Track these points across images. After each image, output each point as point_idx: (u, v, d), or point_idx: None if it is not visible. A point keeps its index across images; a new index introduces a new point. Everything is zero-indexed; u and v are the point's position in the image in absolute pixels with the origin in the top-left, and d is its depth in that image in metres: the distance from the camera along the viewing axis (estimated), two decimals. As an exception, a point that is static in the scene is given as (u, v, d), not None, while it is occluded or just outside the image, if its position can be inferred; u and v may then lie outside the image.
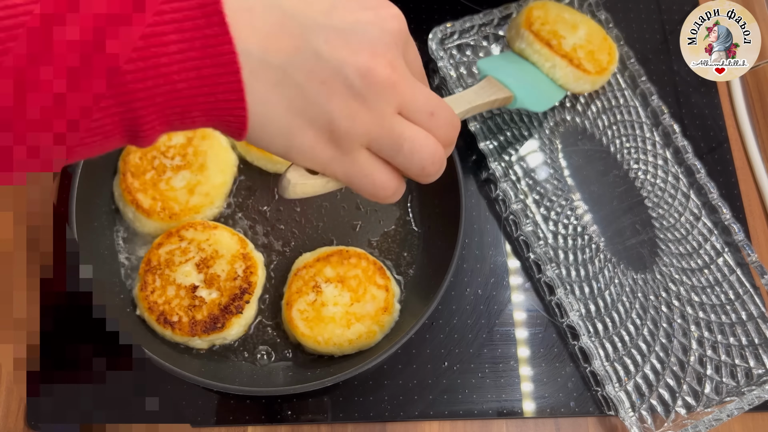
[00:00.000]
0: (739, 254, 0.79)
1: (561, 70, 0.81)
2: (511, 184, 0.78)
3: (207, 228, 0.70)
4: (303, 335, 0.67)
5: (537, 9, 0.85)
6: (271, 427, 0.69)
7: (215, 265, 0.68)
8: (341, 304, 0.68)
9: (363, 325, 0.67)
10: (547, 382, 0.73)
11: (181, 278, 0.68)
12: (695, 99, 0.91)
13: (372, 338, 0.68)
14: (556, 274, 0.74)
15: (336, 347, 0.67)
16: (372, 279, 0.69)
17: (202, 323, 0.66)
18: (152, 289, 0.67)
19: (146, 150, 0.73)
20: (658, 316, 0.76)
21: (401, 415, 0.70)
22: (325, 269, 0.69)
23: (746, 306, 0.78)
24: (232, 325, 0.67)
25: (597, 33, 0.85)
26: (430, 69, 0.88)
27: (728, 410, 0.69)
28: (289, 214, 0.76)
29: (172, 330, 0.66)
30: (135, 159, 0.73)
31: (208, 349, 0.69)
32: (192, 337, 0.66)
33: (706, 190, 0.81)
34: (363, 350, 0.68)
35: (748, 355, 0.75)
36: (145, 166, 0.72)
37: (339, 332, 0.67)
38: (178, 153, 0.73)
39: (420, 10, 0.92)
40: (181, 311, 0.66)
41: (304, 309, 0.67)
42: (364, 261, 0.70)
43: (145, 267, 0.69)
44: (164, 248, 0.69)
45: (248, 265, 0.69)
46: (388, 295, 0.69)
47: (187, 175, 0.73)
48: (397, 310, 0.70)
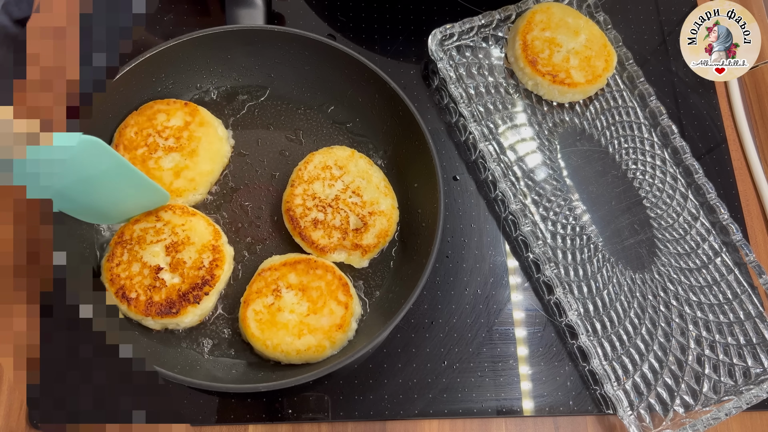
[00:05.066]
0: (737, 254, 0.79)
1: (544, 88, 0.85)
2: (510, 184, 0.78)
3: (185, 213, 0.71)
4: (253, 336, 0.67)
5: (540, 13, 0.86)
6: (272, 426, 0.70)
7: (184, 251, 0.69)
8: (297, 312, 0.67)
9: (314, 338, 0.66)
10: (546, 381, 0.73)
11: (148, 257, 0.68)
12: (693, 100, 0.92)
13: (320, 353, 0.67)
14: (554, 273, 0.75)
15: (283, 354, 0.66)
16: (334, 294, 0.68)
17: (158, 305, 0.66)
18: (118, 262, 0.68)
19: (143, 126, 0.74)
20: (657, 316, 0.76)
21: (401, 413, 0.71)
22: (290, 275, 0.69)
23: (744, 305, 0.78)
24: (187, 314, 0.67)
25: (597, 39, 0.86)
26: (429, 70, 0.88)
27: (726, 409, 0.69)
28: (270, 213, 0.77)
29: (128, 306, 0.66)
30: (130, 133, 0.73)
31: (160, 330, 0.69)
32: (145, 317, 0.66)
33: (705, 191, 0.82)
34: (310, 362, 0.67)
35: (746, 354, 0.75)
36: (138, 142, 0.73)
37: (289, 340, 0.66)
38: (173, 135, 0.74)
39: (420, 11, 0.92)
40: (140, 289, 0.67)
41: (260, 310, 0.67)
42: (330, 275, 0.69)
43: (117, 239, 0.69)
44: (139, 224, 0.70)
45: (216, 258, 0.69)
46: (346, 313, 0.68)
47: (177, 157, 0.73)
48: (353, 329, 0.70)
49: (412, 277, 0.69)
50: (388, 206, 0.74)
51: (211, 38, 0.74)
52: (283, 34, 0.75)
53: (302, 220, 0.72)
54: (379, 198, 0.74)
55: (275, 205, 0.76)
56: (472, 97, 0.85)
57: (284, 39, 0.76)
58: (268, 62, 0.79)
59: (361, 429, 0.70)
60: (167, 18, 0.88)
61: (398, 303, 0.66)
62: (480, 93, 0.85)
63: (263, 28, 0.76)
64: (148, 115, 0.75)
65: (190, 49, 0.75)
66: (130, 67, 0.71)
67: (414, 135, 0.73)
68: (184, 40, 0.73)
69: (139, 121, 0.74)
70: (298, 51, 0.77)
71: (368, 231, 0.72)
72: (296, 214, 0.72)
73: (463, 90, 0.83)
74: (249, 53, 0.78)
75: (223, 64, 0.79)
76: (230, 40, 0.76)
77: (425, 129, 0.72)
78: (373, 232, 0.72)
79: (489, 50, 0.89)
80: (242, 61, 0.79)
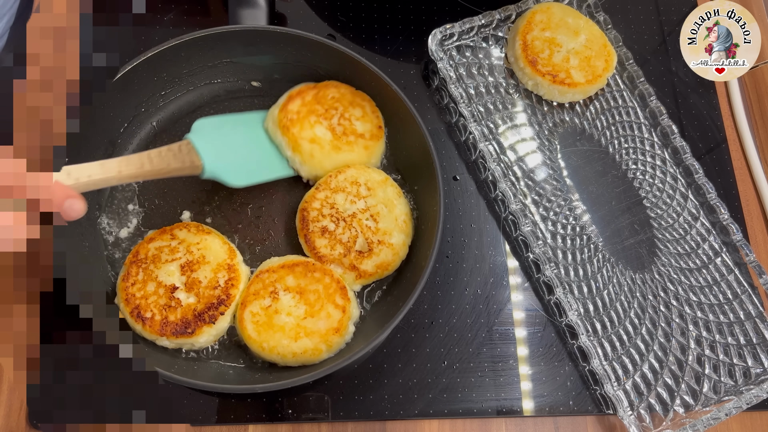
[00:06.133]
0: (737, 254, 0.79)
1: (544, 88, 0.85)
2: (510, 184, 0.78)
3: (200, 231, 0.71)
4: (249, 338, 0.66)
5: (540, 13, 0.86)
6: (272, 426, 0.70)
7: (199, 270, 0.68)
8: (294, 315, 0.67)
9: (310, 341, 0.66)
10: (546, 381, 0.73)
11: (163, 276, 0.68)
12: (693, 100, 0.92)
13: (316, 356, 0.66)
14: (555, 273, 0.75)
15: (279, 357, 0.66)
16: (331, 297, 0.68)
17: (173, 325, 0.66)
18: (133, 281, 0.67)
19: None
20: (657, 316, 0.76)
21: (401, 413, 0.71)
22: (288, 277, 0.69)
23: (744, 305, 0.78)
24: (202, 333, 0.66)
25: (598, 39, 0.86)
26: (429, 70, 0.88)
27: (726, 409, 0.69)
28: (270, 215, 0.77)
29: (143, 326, 0.66)
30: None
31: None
32: (160, 337, 0.66)
33: (705, 191, 0.82)
34: (306, 365, 0.67)
35: (746, 354, 0.75)
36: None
37: (285, 343, 0.66)
38: None
39: (420, 11, 0.92)
40: (155, 309, 0.66)
41: (257, 312, 0.67)
42: (328, 278, 0.69)
43: (132, 258, 0.69)
44: (155, 243, 0.70)
45: (231, 277, 0.69)
46: (344, 316, 0.67)
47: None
48: (351, 332, 0.69)
49: (410, 279, 0.69)
50: (399, 242, 0.72)
51: (213, 38, 0.74)
52: (285, 34, 0.75)
53: (312, 224, 0.72)
54: (393, 230, 0.72)
55: (276, 206, 0.77)
56: (472, 97, 0.85)
57: (286, 40, 0.76)
58: (269, 62, 0.79)
59: (361, 429, 0.70)
60: (167, 18, 0.88)
61: (396, 305, 0.66)
62: (480, 93, 0.85)
63: (266, 29, 0.76)
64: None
65: (191, 48, 0.75)
66: (131, 66, 0.71)
67: (414, 136, 0.73)
68: (185, 39, 0.73)
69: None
70: (300, 51, 0.77)
71: (371, 258, 0.71)
72: (309, 216, 0.72)
73: (463, 90, 0.83)
74: (251, 53, 0.78)
75: (225, 64, 0.80)
76: (233, 40, 0.76)
77: (425, 130, 0.71)
78: (375, 261, 0.71)
79: (489, 50, 0.89)
80: (244, 61, 0.79)
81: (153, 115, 0.79)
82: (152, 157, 0.63)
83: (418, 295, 0.65)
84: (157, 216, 0.75)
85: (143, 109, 0.78)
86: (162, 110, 0.80)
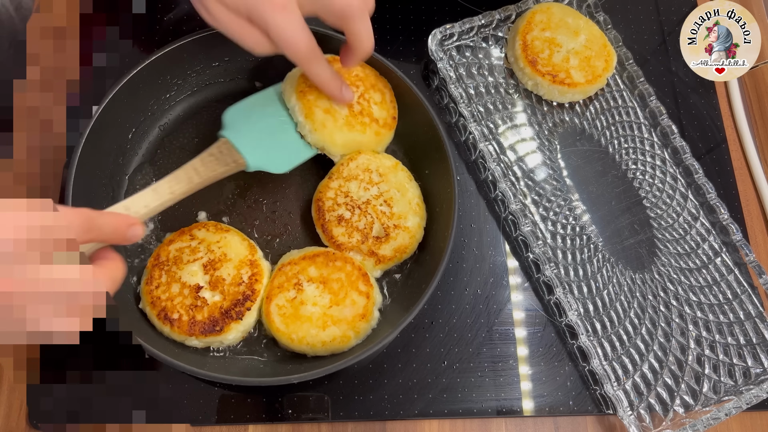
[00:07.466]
0: (737, 254, 0.79)
1: (544, 88, 0.85)
2: (510, 184, 0.78)
3: (219, 230, 0.71)
4: (278, 330, 0.67)
5: (540, 13, 0.86)
6: (272, 426, 0.70)
7: (222, 268, 0.68)
8: (320, 305, 0.68)
9: (338, 329, 0.67)
10: (546, 381, 0.74)
11: (186, 277, 0.68)
12: (693, 100, 0.92)
13: (345, 343, 0.67)
14: (554, 273, 0.75)
15: (309, 347, 0.67)
16: (354, 284, 0.69)
17: (201, 324, 0.66)
18: (157, 284, 0.68)
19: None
20: (657, 316, 0.76)
21: (401, 413, 0.71)
22: (310, 268, 0.69)
23: (744, 305, 0.78)
24: (231, 330, 0.67)
25: (597, 39, 0.86)
26: (429, 70, 0.88)
27: (726, 409, 0.69)
28: (285, 209, 0.77)
29: (171, 327, 0.66)
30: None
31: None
32: (189, 337, 0.66)
33: (705, 191, 0.82)
34: (336, 353, 0.68)
35: (746, 354, 0.75)
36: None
37: (314, 333, 0.66)
38: None
39: (420, 11, 0.92)
40: (182, 309, 0.66)
41: (283, 305, 0.68)
42: (349, 265, 0.69)
43: (154, 261, 0.69)
44: (174, 245, 0.70)
45: (254, 272, 0.69)
46: (368, 302, 0.68)
47: None
48: (376, 318, 0.70)
49: (430, 262, 0.70)
50: (415, 224, 0.73)
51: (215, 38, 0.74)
52: None
53: (328, 213, 0.72)
54: (408, 213, 0.73)
55: (290, 200, 0.77)
56: (472, 97, 0.85)
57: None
58: (270, 62, 0.79)
59: (361, 429, 0.70)
60: (167, 18, 0.88)
61: (419, 288, 0.67)
62: (480, 93, 0.85)
63: None
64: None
65: (195, 49, 0.75)
66: (136, 70, 0.71)
67: (420, 119, 0.74)
68: (188, 40, 0.73)
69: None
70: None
71: (388, 243, 0.71)
72: (324, 206, 0.72)
73: (463, 90, 0.83)
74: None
75: (228, 65, 0.80)
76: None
77: (431, 109, 0.73)
78: (392, 245, 0.72)
79: (489, 50, 0.89)
80: (245, 61, 0.79)
81: (159, 119, 0.79)
82: (197, 168, 0.65)
83: (440, 277, 0.66)
84: (173, 219, 0.75)
85: (150, 113, 0.78)
86: (168, 113, 0.80)
